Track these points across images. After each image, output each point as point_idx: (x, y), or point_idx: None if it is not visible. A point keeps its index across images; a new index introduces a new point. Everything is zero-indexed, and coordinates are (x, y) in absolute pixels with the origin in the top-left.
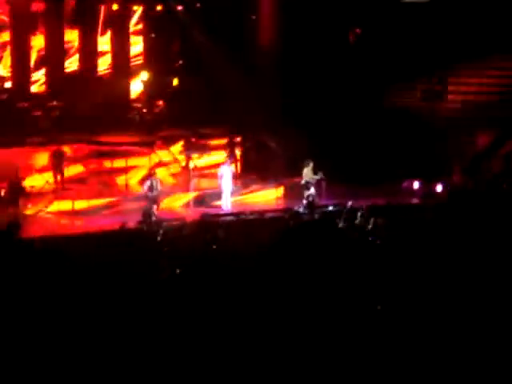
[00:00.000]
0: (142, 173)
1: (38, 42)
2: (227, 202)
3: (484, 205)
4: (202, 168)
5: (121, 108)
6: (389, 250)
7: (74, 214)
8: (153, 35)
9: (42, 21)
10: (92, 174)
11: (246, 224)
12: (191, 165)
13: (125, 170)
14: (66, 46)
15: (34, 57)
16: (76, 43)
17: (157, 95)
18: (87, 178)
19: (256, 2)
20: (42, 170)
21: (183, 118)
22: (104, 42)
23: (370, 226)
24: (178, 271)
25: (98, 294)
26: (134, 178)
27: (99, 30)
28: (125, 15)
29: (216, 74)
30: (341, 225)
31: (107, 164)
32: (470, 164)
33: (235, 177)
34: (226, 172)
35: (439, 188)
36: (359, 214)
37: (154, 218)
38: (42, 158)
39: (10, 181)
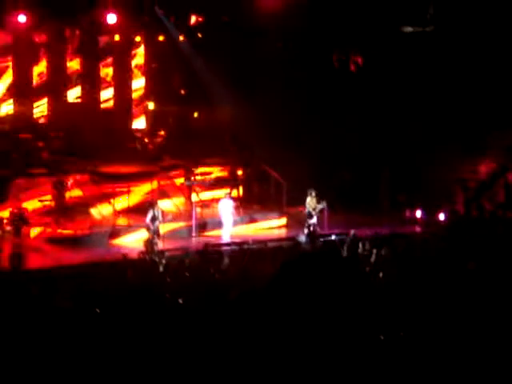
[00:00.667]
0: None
1: (40, 70)
2: (227, 234)
3: (487, 234)
4: (206, 200)
5: (123, 138)
6: (391, 283)
7: (75, 242)
8: (155, 65)
9: (44, 51)
10: (93, 201)
11: (249, 254)
12: (194, 197)
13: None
14: (68, 76)
15: (36, 86)
16: (78, 74)
17: (159, 125)
18: (88, 206)
19: (257, 34)
20: (44, 200)
21: (185, 148)
22: (106, 73)
23: (373, 257)
24: (181, 301)
25: (100, 324)
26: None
27: (101, 60)
28: (127, 46)
29: (218, 105)
30: (344, 254)
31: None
32: (473, 193)
33: (238, 207)
34: (226, 205)
35: (442, 217)
36: (361, 244)
37: (156, 249)
38: (44, 189)
39: (11, 212)
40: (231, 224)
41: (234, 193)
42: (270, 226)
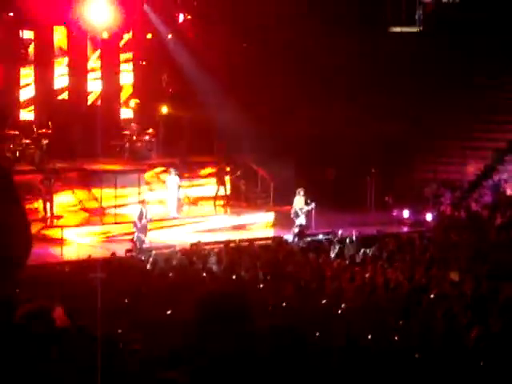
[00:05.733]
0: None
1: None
2: (173, 211)
3: (473, 234)
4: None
5: (111, 136)
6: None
7: (63, 241)
8: (143, 63)
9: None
10: (81, 201)
11: (236, 252)
12: (181, 194)
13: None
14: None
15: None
16: (65, 71)
17: (146, 123)
18: (76, 204)
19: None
20: (31, 199)
21: (172, 146)
22: (93, 69)
23: (360, 256)
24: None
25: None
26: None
27: (88, 58)
28: (115, 43)
29: (206, 103)
30: (332, 254)
31: (96, 192)
32: (460, 194)
33: (225, 205)
34: (172, 182)
35: (429, 217)
36: (348, 242)
37: (143, 246)
38: (31, 186)
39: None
40: (175, 202)
41: (222, 191)
42: (257, 225)
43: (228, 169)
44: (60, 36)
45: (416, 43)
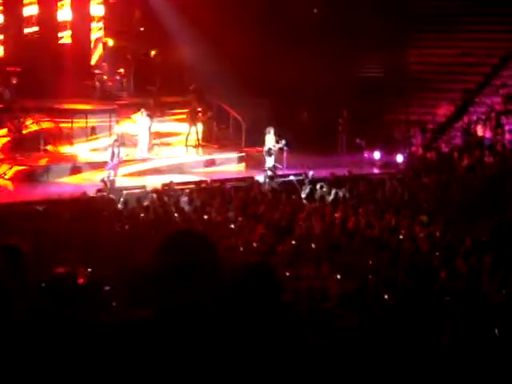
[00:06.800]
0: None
1: None
2: (142, 152)
3: (442, 176)
4: (164, 135)
5: (82, 75)
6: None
7: (32, 177)
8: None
9: None
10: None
11: (208, 193)
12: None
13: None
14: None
15: None
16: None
17: (118, 62)
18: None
19: None
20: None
21: (144, 86)
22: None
23: (331, 197)
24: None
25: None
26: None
27: None
28: None
29: (179, 42)
30: (303, 195)
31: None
32: (431, 135)
33: (197, 146)
34: (142, 123)
35: (400, 158)
36: (320, 185)
37: (114, 186)
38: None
39: None
40: (146, 142)
41: (193, 131)
42: (229, 166)
43: (200, 109)
44: None
45: None
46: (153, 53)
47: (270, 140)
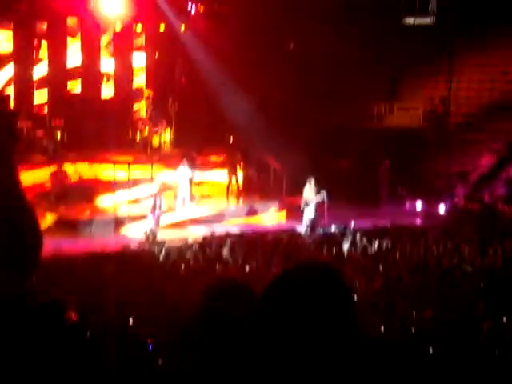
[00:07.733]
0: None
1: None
2: (183, 202)
3: (486, 228)
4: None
5: (124, 127)
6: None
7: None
8: (156, 55)
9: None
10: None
11: (249, 244)
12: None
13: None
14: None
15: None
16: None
17: (159, 115)
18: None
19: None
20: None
21: (185, 137)
22: (107, 62)
23: (374, 248)
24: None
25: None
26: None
27: (101, 51)
28: (128, 36)
29: (218, 94)
30: (345, 247)
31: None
32: (473, 186)
33: (238, 197)
34: (184, 174)
35: (442, 209)
36: (360, 235)
37: (156, 238)
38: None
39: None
40: (187, 194)
41: (234, 181)
42: (270, 217)
43: (240, 159)
44: (73, 27)
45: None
46: (195, 104)
47: (311, 190)
